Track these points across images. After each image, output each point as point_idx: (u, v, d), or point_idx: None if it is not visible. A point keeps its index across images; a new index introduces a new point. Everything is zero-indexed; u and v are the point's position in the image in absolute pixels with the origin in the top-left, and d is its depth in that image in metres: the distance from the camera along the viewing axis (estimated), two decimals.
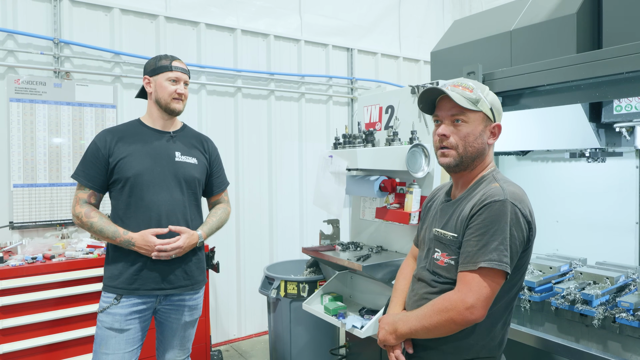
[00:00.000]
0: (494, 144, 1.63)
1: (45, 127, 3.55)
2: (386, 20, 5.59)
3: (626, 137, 2.38)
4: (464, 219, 1.51)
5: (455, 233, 1.53)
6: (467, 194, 1.59)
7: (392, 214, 2.64)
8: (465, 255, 1.46)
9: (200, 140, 2.45)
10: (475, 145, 1.55)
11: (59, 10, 3.63)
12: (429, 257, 1.64)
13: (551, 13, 2.46)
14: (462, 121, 1.55)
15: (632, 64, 1.88)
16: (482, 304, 1.41)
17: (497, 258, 1.40)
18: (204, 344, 3.56)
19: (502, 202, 1.44)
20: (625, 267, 2.61)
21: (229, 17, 4.49)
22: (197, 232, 2.27)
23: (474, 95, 1.54)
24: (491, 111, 1.57)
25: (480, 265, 1.41)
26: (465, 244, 1.48)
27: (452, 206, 1.62)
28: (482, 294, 1.41)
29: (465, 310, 1.40)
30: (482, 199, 1.48)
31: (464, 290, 1.43)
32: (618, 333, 2.05)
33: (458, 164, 1.57)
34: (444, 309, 1.44)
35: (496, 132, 1.60)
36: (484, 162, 1.61)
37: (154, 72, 2.29)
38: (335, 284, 2.98)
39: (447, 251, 1.56)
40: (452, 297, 1.45)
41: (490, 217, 1.44)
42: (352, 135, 2.95)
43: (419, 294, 1.63)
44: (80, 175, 2.21)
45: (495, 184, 1.51)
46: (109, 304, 2.17)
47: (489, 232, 1.42)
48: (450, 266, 1.54)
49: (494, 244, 1.41)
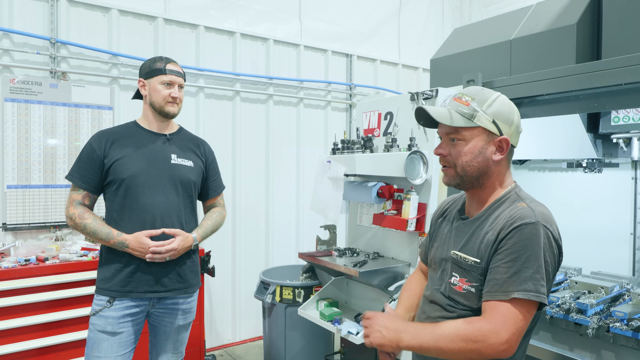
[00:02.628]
0: (508, 158, 1.47)
1: (40, 127, 3.53)
2: (386, 27, 5.61)
3: (623, 149, 2.39)
4: (489, 243, 1.38)
5: (478, 258, 1.39)
6: (486, 213, 1.45)
7: (390, 221, 2.63)
8: (494, 283, 1.33)
9: (196, 143, 2.44)
10: (475, 164, 1.42)
11: (56, 10, 3.61)
12: (444, 280, 1.50)
13: (551, 23, 2.47)
14: (458, 139, 1.43)
15: (631, 75, 1.89)
16: (517, 338, 1.29)
17: (534, 289, 1.28)
18: (198, 349, 3.53)
19: (535, 224, 1.31)
20: (620, 277, 2.62)
21: (229, 20, 4.49)
22: (191, 235, 2.26)
23: (469, 109, 1.40)
24: (494, 124, 1.40)
25: (514, 296, 1.28)
26: (493, 270, 1.34)
27: (471, 226, 1.47)
28: (517, 327, 1.28)
29: (500, 345, 1.27)
30: (512, 221, 1.34)
31: (497, 322, 1.28)
32: (612, 342, 2.05)
33: (459, 183, 1.47)
34: (472, 338, 1.28)
35: (503, 146, 1.42)
36: (498, 178, 1.47)
37: (148, 75, 2.27)
38: (331, 290, 2.97)
39: (467, 277, 1.42)
40: (483, 327, 1.29)
41: (522, 241, 1.31)
42: (351, 141, 2.95)
43: (431, 317, 1.51)
44: (75, 177, 2.19)
45: (521, 204, 1.39)
46: (102, 307, 2.14)
47: (521, 257, 1.30)
48: (470, 293, 1.41)
49: (528, 272, 1.29)
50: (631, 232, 2.82)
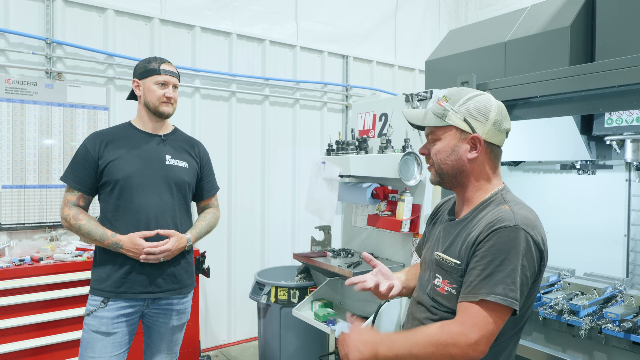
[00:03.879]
0: (491, 158, 1.46)
1: (35, 128, 3.52)
2: (382, 29, 5.62)
3: (616, 150, 2.40)
4: (469, 245, 1.37)
5: (459, 260, 1.39)
6: (472, 215, 1.45)
7: (384, 222, 2.64)
8: (467, 285, 1.33)
9: (191, 144, 2.44)
10: (449, 162, 1.44)
11: (52, 10, 3.61)
12: (430, 281, 1.51)
13: (545, 25, 2.48)
14: (433, 139, 1.48)
15: (624, 77, 1.89)
16: (487, 341, 1.28)
17: (503, 292, 1.26)
18: (193, 349, 3.53)
19: (513, 228, 1.30)
20: (613, 278, 2.63)
21: (225, 21, 4.49)
22: (186, 236, 2.26)
23: (441, 109, 1.43)
24: (466, 122, 1.41)
25: (482, 298, 1.28)
26: (469, 272, 1.35)
27: (456, 227, 1.48)
28: (487, 329, 1.28)
29: (468, 347, 1.27)
30: (492, 224, 1.33)
31: (467, 324, 1.29)
32: (604, 344, 2.06)
33: (439, 181, 1.51)
34: (442, 342, 1.29)
35: (476, 144, 1.42)
36: (481, 178, 1.46)
37: (142, 75, 2.27)
38: (325, 291, 2.98)
39: (448, 279, 1.42)
40: (452, 330, 1.30)
41: (498, 244, 1.30)
42: (346, 142, 2.96)
43: (417, 319, 1.52)
44: (69, 178, 2.19)
45: (505, 207, 1.37)
46: (96, 307, 2.14)
47: (495, 261, 1.29)
48: (451, 295, 1.41)
49: (500, 275, 1.28)
50: (625, 233, 2.83)
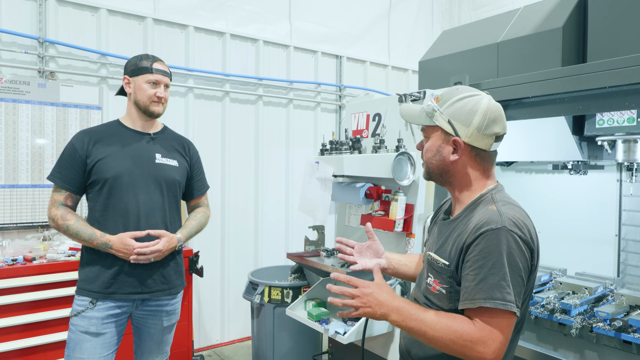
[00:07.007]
0: (477, 160, 1.44)
1: (28, 127, 3.50)
2: (376, 29, 5.63)
3: (608, 151, 2.42)
4: (458, 248, 1.37)
5: (448, 261, 1.39)
6: (463, 214, 1.44)
7: (377, 221, 2.65)
8: (464, 292, 1.32)
9: (181, 143, 2.42)
10: (434, 162, 1.46)
11: (45, 9, 3.59)
12: (424, 280, 1.52)
13: (538, 26, 2.50)
14: (425, 136, 1.51)
15: (615, 78, 1.92)
16: (504, 348, 1.28)
17: (501, 297, 1.25)
18: (186, 349, 3.52)
19: (499, 230, 1.28)
20: (604, 278, 2.66)
21: (218, 21, 4.48)
22: (176, 236, 2.24)
23: (431, 108, 1.44)
24: (449, 124, 1.40)
25: (480, 305, 1.26)
26: (464, 278, 1.34)
27: (449, 226, 1.48)
28: (504, 338, 1.28)
29: (487, 355, 1.26)
30: (478, 226, 1.32)
31: (488, 333, 1.27)
32: (595, 342, 2.08)
33: (429, 177, 1.53)
34: (461, 340, 1.28)
35: (457, 147, 1.41)
36: (470, 178, 1.45)
37: (134, 72, 2.23)
38: (319, 290, 2.98)
39: (438, 278, 1.43)
40: (473, 333, 1.27)
41: (487, 247, 1.29)
42: (339, 142, 2.96)
43: None
44: (57, 177, 2.15)
45: (492, 207, 1.35)
46: (84, 308, 2.11)
47: (487, 264, 1.28)
48: (441, 295, 1.41)
49: (494, 279, 1.26)
50: (616, 233, 2.86)
